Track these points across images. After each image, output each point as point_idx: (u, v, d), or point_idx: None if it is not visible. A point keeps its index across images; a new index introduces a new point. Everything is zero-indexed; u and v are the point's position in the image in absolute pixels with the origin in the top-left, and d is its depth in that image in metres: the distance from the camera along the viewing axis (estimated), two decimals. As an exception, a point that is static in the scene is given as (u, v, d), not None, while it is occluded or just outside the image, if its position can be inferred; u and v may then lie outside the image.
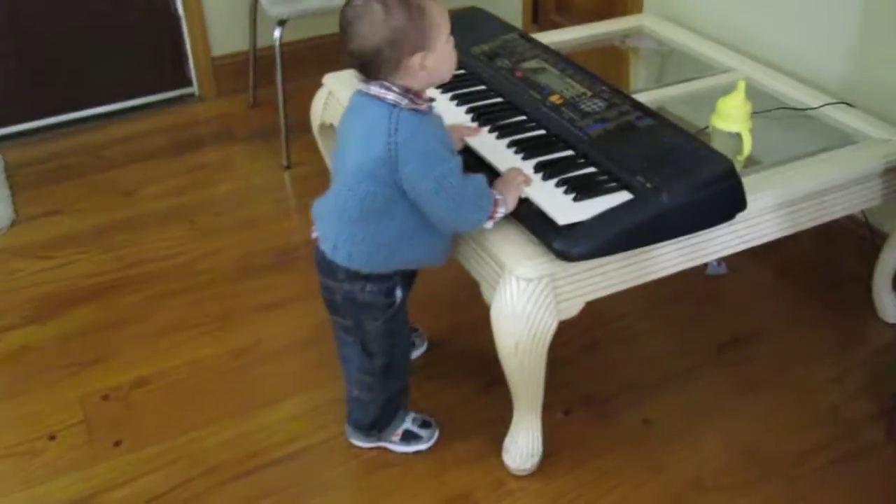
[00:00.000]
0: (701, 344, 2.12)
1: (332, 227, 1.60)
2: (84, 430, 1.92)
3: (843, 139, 1.97)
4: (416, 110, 1.46)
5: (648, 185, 1.56)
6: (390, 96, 1.46)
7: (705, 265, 2.31)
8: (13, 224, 2.66)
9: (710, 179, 1.57)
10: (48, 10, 3.08)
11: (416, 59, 1.45)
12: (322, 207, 1.62)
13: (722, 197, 1.59)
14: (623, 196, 1.57)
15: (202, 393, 2.01)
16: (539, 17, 3.36)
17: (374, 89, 1.47)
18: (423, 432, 1.84)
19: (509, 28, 2.21)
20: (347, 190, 1.51)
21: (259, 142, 3.09)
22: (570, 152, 1.71)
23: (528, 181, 1.61)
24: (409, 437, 1.83)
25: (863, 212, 2.18)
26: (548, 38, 2.61)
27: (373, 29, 1.42)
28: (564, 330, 2.10)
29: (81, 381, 2.05)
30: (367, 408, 1.78)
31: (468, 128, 1.80)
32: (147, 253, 2.51)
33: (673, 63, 2.48)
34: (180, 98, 3.42)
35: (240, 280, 2.39)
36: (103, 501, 1.75)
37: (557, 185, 1.61)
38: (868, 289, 2.16)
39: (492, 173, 1.66)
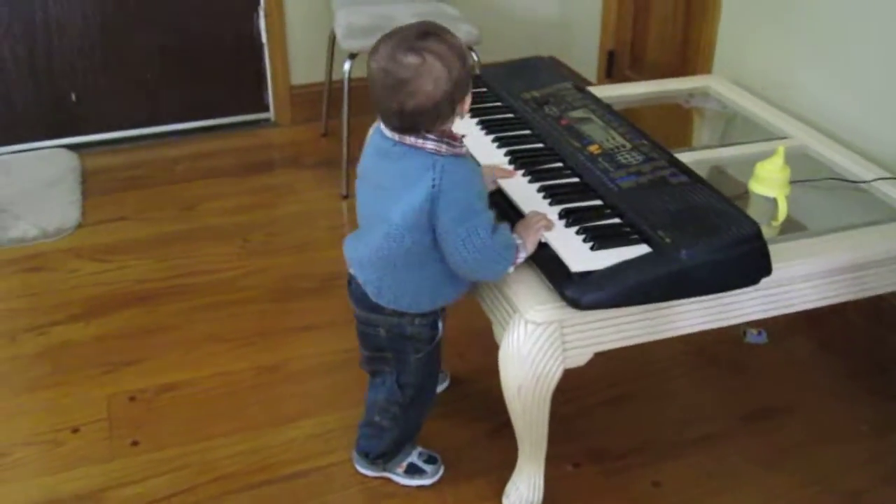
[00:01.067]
0: (728, 411, 2.06)
1: (375, 273, 1.60)
2: (106, 426, 1.99)
3: (891, 214, 1.92)
4: (456, 154, 1.47)
5: (668, 240, 1.54)
6: (429, 145, 1.46)
7: (743, 332, 2.26)
8: (79, 226, 2.78)
9: (733, 241, 1.54)
10: (139, 27, 3.24)
11: (464, 106, 1.49)
12: (359, 254, 1.62)
13: (745, 260, 1.56)
14: (641, 249, 1.55)
15: (224, 404, 2.06)
16: (613, 71, 3.37)
17: (410, 139, 1.47)
18: (427, 467, 1.84)
19: (564, 77, 2.23)
20: (392, 241, 1.51)
21: (324, 170, 3.17)
22: (597, 202, 1.71)
23: (549, 226, 1.61)
24: (413, 470, 1.83)
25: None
26: (613, 91, 2.63)
27: (437, 85, 1.40)
28: (589, 382, 2.12)
29: (112, 381, 2.13)
30: (381, 437, 1.79)
31: (503, 170, 1.82)
32: (197, 265, 2.59)
33: (731, 125, 2.45)
34: (257, 122, 3.53)
35: (280, 300, 2.44)
36: (110, 497, 1.81)
37: (578, 232, 1.61)
38: (913, 374, 2.08)
39: (517, 215, 1.67)
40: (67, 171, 3.06)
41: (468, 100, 1.51)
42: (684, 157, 2.06)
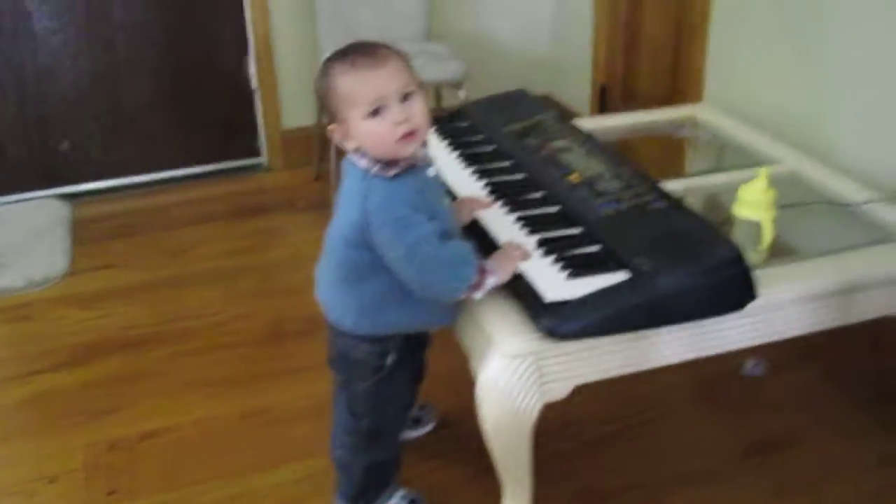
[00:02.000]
0: (726, 446, 1.99)
1: (324, 287, 1.61)
2: (82, 476, 1.94)
3: (884, 236, 1.86)
4: (383, 176, 1.44)
5: (646, 266, 1.49)
6: (363, 162, 1.46)
7: (740, 364, 2.19)
8: (66, 275, 2.76)
9: (714, 266, 1.49)
10: (129, 76, 3.26)
11: (337, 130, 1.47)
12: (318, 270, 1.63)
13: (727, 285, 1.51)
14: (619, 276, 1.50)
15: (206, 450, 2.01)
16: (607, 106, 3.35)
17: (352, 156, 1.48)
18: (410, 510, 1.78)
19: (545, 109, 2.20)
20: (330, 253, 1.53)
21: (316, 213, 3.14)
22: (576, 230, 1.67)
23: (526, 255, 1.57)
24: (395, 513, 1.77)
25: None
26: (602, 122, 2.61)
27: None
28: (581, 419, 2.06)
29: (93, 429, 2.08)
30: (348, 471, 1.73)
31: (479, 201, 1.78)
32: (184, 311, 2.56)
33: (720, 152, 2.41)
34: (249, 167, 3.53)
35: (266, 344, 2.40)
36: (83, 549, 1.76)
37: (555, 261, 1.56)
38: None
39: (494, 247, 1.63)
40: (57, 221, 3.05)
41: (354, 132, 1.45)
42: (672, 185, 2.03)
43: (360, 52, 1.45)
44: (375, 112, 1.42)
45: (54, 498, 1.88)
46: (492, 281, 1.49)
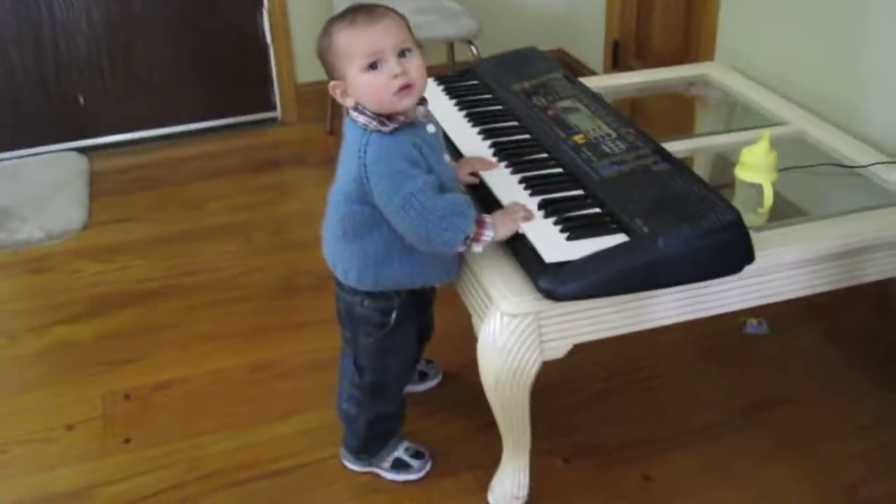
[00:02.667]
0: (725, 403, 2.03)
1: (329, 243, 1.65)
2: (100, 424, 2.00)
3: (888, 199, 1.86)
4: (381, 132, 1.47)
5: (646, 228, 1.51)
6: (361, 119, 1.49)
7: (743, 322, 2.22)
8: (84, 227, 2.81)
9: (712, 228, 1.50)
10: (144, 30, 3.28)
11: (336, 87, 1.50)
12: (323, 227, 1.66)
13: (726, 248, 1.53)
14: (619, 238, 1.52)
15: (217, 402, 2.07)
16: (619, 61, 3.33)
17: (352, 112, 1.51)
18: (414, 462, 1.83)
19: (554, 68, 2.20)
20: (332, 209, 1.57)
21: (329, 168, 3.10)
22: (578, 192, 1.68)
23: (529, 216, 1.59)
24: (399, 465, 1.82)
25: (916, 280, 2.05)
26: (613, 80, 2.61)
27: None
28: (583, 375, 2.10)
29: (109, 379, 2.14)
30: (353, 423, 1.79)
31: (484, 161, 1.80)
32: (198, 264, 2.61)
33: (730, 112, 2.41)
34: (264, 121, 3.55)
35: (277, 298, 2.44)
36: (100, 493, 1.82)
37: (556, 223, 1.58)
38: (919, 365, 2.03)
39: (497, 207, 1.65)
40: (75, 174, 3.10)
41: (353, 88, 1.48)
42: (679, 144, 2.05)
43: (359, 10, 1.49)
44: (373, 66, 1.45)
45: (72, 445, 1.95)
46: (489, 234, 1.51)
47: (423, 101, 1.55)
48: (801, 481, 1.81)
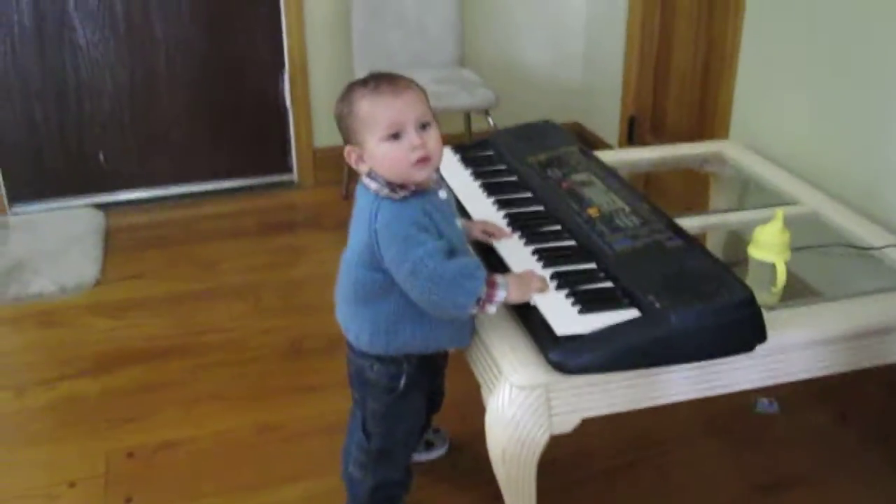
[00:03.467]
0: (736, 484, 1.99)
1: (341, 308, 1.66)
2: (102, 482, 1.98)
3: (901, 283, 1.87)
4: (392, 199, 1.49)
5: (658, 304, 1.51)
6: (373, 185, 1.51)
7: (754, 401, 2.20)
8: (97, 283, 2.83)
9: (725, 306, 1.51)
10: (167, 91, 3.34)
11: (352, 153, 1.53)
12: (336, 291, 1.67)
13: (738, 326, 1.53)
14: (631, 313, 1.52)
15: (221, 463, 2.05)
16: (634, 136, 3.37)
17: (365, 179, 1.53)
18: (416, 535, 1.80)
19: (570, 141, 2.23)
20: (345, 274, 1.59)
21: (343, 232, 3.13)
22: (591, 265, 1.69)
23: (544, 288, 1.59)
24: (401, 538, 1.80)
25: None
26: (628, 155, 2.64)
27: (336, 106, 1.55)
28: (592, 451, 2.07)
29: (113, 436, 2.13)
30: (358, 488, 1.77)
31: (495, 226, 1.81)
32: (208, 324, 2.61)
33: (744, 190, 2.43)
34: (280, 184, 3.59)
35: (286, 360, 2.44)
36: (99, 555, 1.80)
37: (568, 295, 1.59)
38: (932, 449, 2.00)
39: (509, 277, 1.66)
40: (91, 230, 3.12)
41: (369, 156, 1.51)
42: (693, 221, 2.06)
43: (382, 79, 1.51)
44: (394, 136, 1.47)
45: (74, 503, 1.93)
46: (502, 294, 1.50)
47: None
48: (814, 568, 1.77)
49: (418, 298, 1.49)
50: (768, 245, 1.75)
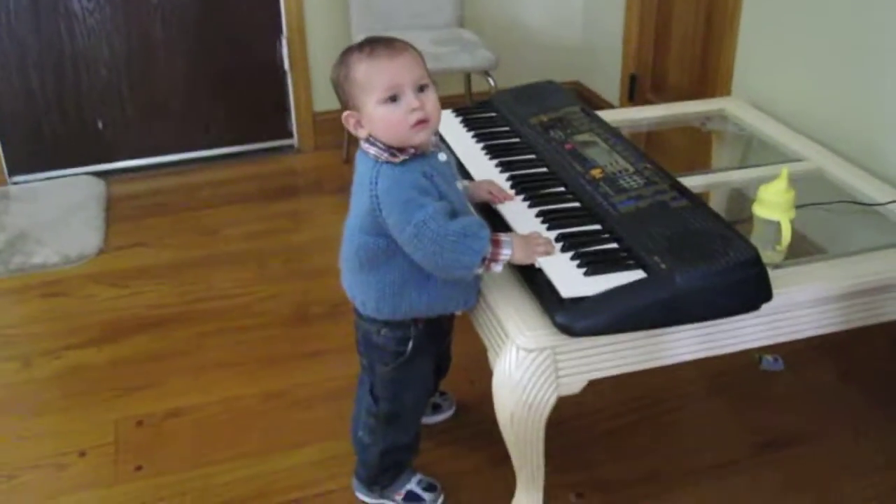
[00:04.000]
0: (740, 440, 2.01)
1: (346, 274, 1.65)
2: (112, 451, 2.00)
3: (906, 239, 1.86)
4: (391, 163, 1.48)
5: (663, 265, 1.51)
6: (372, 151, 1.50)
7: (759, 358, 2.21)
8: (100, 252, 2.83)
9: (730, 266, 1.50)
10: (164, 57, 3.31)
11: (350, 117, 1.51)
12: (341, 257, 1.67)
13: (743, 285, 1.52)
14: (636, 275, 1.52)
15: (228, 430, 2.06)
16: (636, 95, 3.34)
17: (364, 144, 1.52)
18: (426, 495, 1.82)
19: (572, 101, 2.21)
20: (348, 242, 1.58)
21: (344, 196, 3.12)
22: (596, 227, 1.68)
23: (550, 251, 1.58)
24: (411, 498, 1.82)
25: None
26: (630, 114, 2.61)
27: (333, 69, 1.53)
28: (598, 409, 2.09)
29: (122, 405, 2.14)
30: (367, 453, 1.78)
31: (498, 187, 1.79)
32: (212, 291, 2.61)
33: (747, 148, 2.41)
34: (280, 148, 3.57)
35: (291, 326, 2.44)
36: (110, 522, 1.82)
37: (573, 257, 1.58)
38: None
39: (514, 240, 1.66)
40: (92, 198, 3.12)
41: (367, 120, 1.49)
42: (696, 180, 2.05)
43: (378, 43, 1.49)
44: (391, 98, 1.46)
45: (85, 471, 1.95)
46: (507, 252, 1.50)
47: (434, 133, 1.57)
48: (819, 522, 1.79)
49: (423, 261, 1.49)
50: (773, 203, 1.74)
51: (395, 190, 1.47)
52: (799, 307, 1.65)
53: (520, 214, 1.75)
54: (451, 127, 2.16)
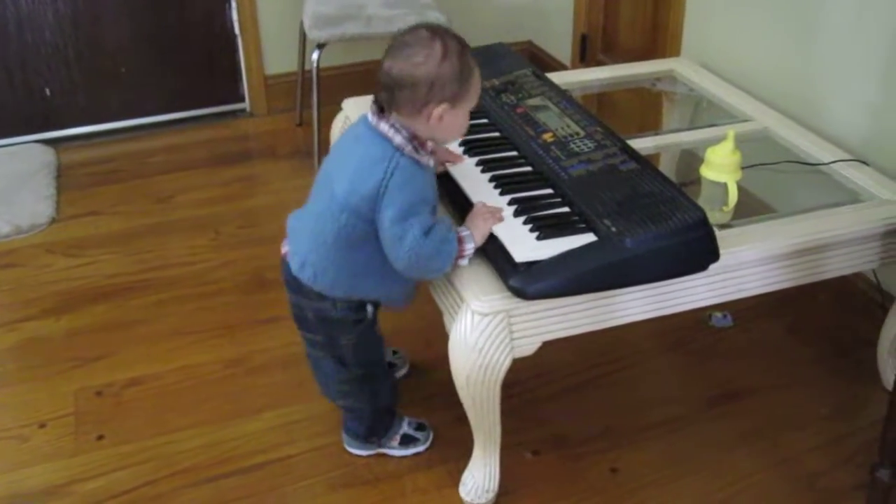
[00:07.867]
0: (691, 395, 2.07)
1: (305, 244, 1.64)
2: (73, 422, 2.00)
3: (849, 197, 1.92)
4: (415, 161, 1.51)
5: (613, 228, 1.55)
6: (397, 139, 1.50)
7: (708, 315, 2.27)
8: (52, 222, 2.79)
9: (679, 228, 1.54)
10: (111, 21, 3.24)
11: (440, 109, 1.49)
12: (299, 222, 1.67)
13: (692, 247, 1.57)
14: (587, 238, 1.56)
15: (189, 398, 2.07)
16: (587, 55, 3.36)
17: (384, 127, 1.51)
18: (419, 434, 1.89)
19: (523, 64, 2.22)
20: (329, 216, 1.56)
21: (298, 160, 3.18)
22: (548, 191, 1.71)
23: (498, 217, 1.62)
24: (407, 440, 1.88)
25: (875, 275, 2.11)
26: (580, 76, 2.63)
27: (425, 62, 1.46)
28: (552, 369, 2.13)
29: (80, 376, 2.14)
30: (361, 416, 1.83)
31: (450, 152, 1.80)
32: (168, 259, 2.60)
33: (696, 109, 2.45)
34: (232, 113, 3.53)
35: (248, 292, 2.45)
36: (74, 491, 1.82)
37: (525, 222, 1.61)
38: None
39: (468, 204, 1.68)
40: (41, 166, 3.07)
41: (453, 117, 1.52)
42: (645, 141, 2.09)
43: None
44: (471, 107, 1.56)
45: (45, 442, 1.95)
46: (470, 247, 1.56)
47: None
48: (765, 472, 1.86)
49: (394, 258, 1.54)
50: (720, 166, 1.78)
51: (408, 190, 1.50)
52: (745, 266, 1.71)
53: (473, 179, 1.78)
54: (404, 92, 2.16)
